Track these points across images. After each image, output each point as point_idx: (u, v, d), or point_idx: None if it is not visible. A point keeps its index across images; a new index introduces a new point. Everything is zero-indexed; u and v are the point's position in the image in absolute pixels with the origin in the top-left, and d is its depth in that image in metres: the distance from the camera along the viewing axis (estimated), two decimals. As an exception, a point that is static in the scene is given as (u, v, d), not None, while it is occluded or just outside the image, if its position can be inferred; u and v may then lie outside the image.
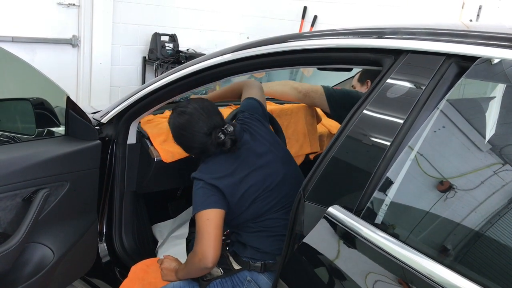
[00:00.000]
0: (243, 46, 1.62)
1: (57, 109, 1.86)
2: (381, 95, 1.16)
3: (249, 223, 1.57)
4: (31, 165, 1.58)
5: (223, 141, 1.54)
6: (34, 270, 1.64)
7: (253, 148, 1.63)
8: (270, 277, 1.51)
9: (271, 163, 1.63)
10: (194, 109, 1.59)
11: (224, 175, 1.55)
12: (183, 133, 1.62)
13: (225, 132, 1.55)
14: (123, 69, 4.82)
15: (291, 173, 1.67)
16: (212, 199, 1.50)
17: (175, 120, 1.63)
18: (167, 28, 4.93)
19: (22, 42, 4.06)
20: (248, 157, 1.61)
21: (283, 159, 1.69)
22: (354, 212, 1.07)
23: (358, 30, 1.37)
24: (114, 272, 2.10)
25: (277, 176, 1.61)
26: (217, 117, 1.61)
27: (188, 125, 1.59)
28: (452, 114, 1.05)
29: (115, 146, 2.01)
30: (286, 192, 1.61)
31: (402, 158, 1.04)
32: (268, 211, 1.57)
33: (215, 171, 1.57)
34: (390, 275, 0.96)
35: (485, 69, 1.04)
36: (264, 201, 1.57)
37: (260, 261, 1.51)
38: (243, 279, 1.51)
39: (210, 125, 1.57)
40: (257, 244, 1.53)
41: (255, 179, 1.57)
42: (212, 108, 1.62)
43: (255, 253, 1.52)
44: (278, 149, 1.70)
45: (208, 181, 1.53)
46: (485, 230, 0.90)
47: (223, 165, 1.58)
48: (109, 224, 2.08)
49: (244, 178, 1.56)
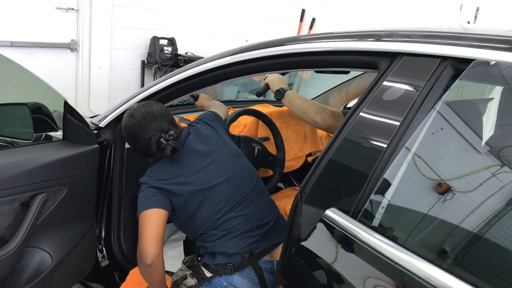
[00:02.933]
0: (241, 49, 1.63)
1: (55, 113, 1.86)
2: (377, 97, 1.16)
3: (209, 231, 1.57)
4: (29, 170, 1.58)
5: (163, 147, 1.55)
6: (32, 275, 1.64)
7: (197, 149, 1.65)
8: (242, 275, 1.53)
9: (216, 161, 1.64)
10: (139, 112, 1.61)
11: (168, 177, 1.59)
12: (127, 135, 1.65)
13: (166, 138, 1.57)
14: (122, 73, 4.83)
15: (240, 168, 1.69)
16: (152, 199, 1.54)
17: (123, 121, 1.67)
18: (165, 32, 4.94)
19: (20, 46, 4.07)
20: (192, 159, 1.63)
21: (230, 156, 1.69)
22: (351, 215, 1.07)
23: (354, 33, 1.38)
24: (113, 276, 2.10)
25: (223, 174, 1.62)
26: (163, 122, 1.60)
27: (132, 127, 1.61)
28: (448, 116, 1.05)
29: (113, 150, 2.01)
30: (237, 188, 1.62)
31: (399, 161, 1.04)
32: (222, 209, 1.58)
33: (159, 174, 1.60)
34: (387, 278, 0.96)
35: (481, 71, 1.04)
36: (216, 199, 1.58)
37: (229, 263, 1.52)
38: (220, 286, 1.51)
39: (152, 129, 1.58)
40: (223, 249, 1.53)
41: (200, 179, 1.59)
42: (159, 112, 1.62)
43: (224, 258, 1.52)
44: (225, 147, 1.71)
45: (151, 183, 1.57)
46: (483, 233, 0.90)
47: (168, 168, 1.61)
48: (108, 228, 2.08)
49: (188, 179, 1.59)
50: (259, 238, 1.58)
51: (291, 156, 2.54)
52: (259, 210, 1.63)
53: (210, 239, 1.57)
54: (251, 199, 1.64)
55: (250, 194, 1.64)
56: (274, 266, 1.58)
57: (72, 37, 4.41)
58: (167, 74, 1.88)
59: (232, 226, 1.57)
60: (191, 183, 1.59)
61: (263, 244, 1.58)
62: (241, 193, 1.62)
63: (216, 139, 1.72)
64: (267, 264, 1.57)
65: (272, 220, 1.64)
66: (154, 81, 1.92)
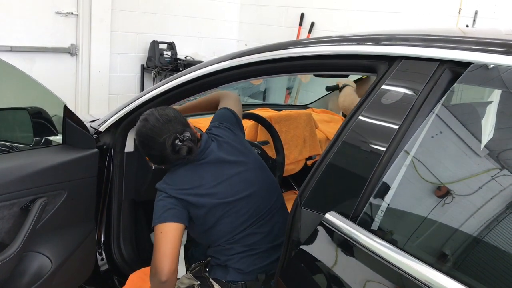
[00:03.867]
0: (240, 53, 1.63)
1: (54, 118, 1.87)
2: (376, 101, 1.16)
3: (227, 244, 1.52)
4: (28, 174, 1.58)
5: (178, 148, 1.49)
6: (32, 279, 1.64)
7: (221, 158, 1.58)
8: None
9: (241, 173, 1.58)
10: (152, 116, 1.55)
11: (189, 187, 1.52)
12: (142, 140, 1.58)
13: (181, 139, 1.50)
14: (121, 77, 4.84)
15: (264, 182, 1.63)
16: (170, 212, 1.47)
17: (136, 127, 1.60)
18: (165, 36, 4.95)
19: (20, 51, 4.08)
20: (215, 168, 1.56)
21: (255, 168, 1.64)
22: (350, 218, 1.07)
23: (353, 37, 1.38)
24: (113, 280, 2.10)
25: (247, 187, 1.56)
26: (176, 124, 1.53)
27: (146, 131, 1.54)
28: (447, 119, 1.05)
29: (113, 155, 2.01)
30: (261, 203, 1.57)
31: (398, 164, 1.04)
32: (243, 224, 1.53)
33: (179, 183, 1.53)
34: (386, 281, 0.96)
35: (479, 75, 1.05)
36: (237, 213, 1.53)
37: (241, 281, 1.49)
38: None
39: (166, 131, 1.51)
40: (239, 266, 1.49)
41: (223, 191, 1.53)
42: (173, 115, 1.55)
43: (237, 275, 1.49)
44: (249, 158, 1.65)
45: (171, 193, 1.50)
46: (483, 236, 0.90)
47: (189, 176, 1.54)
48: (107, 233, 2.08)
49: (210, 190, 1.52)
50: (276, 258, 1.51)
51: (290, 160, 2.54)
52: (279, 227, 1.59)
53: (227, 253, 1.52)
54: (271, 215, 1.59)
55: (271, 210, 1.60)
56: None
57: (71, 41, 4.42)
58: (167, 78, 1.89)
59: (251, 243, 1.53)
60: (214, 195, 1.52)
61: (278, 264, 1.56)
62: (263, 208, 1.57)
63: (240, 148, 1.65)
64: None
65: None
66: (154, 85, 1.92)
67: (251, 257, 1.51)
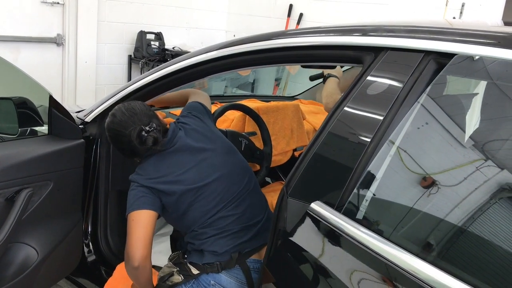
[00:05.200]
0: (228, 43, 1.63)
1: (40, 108, 1.85)
2: (361, 92, 1.17)
3: (200, 229, 1.56)
4: (13, 165, 1.57)
5: (144, 139, 1.53)
6: (18, 270, 1.63)
7: (188, 145, 1.62)
8: (230, 274, 1.53)
9: (208, 158, 1.62)
10: (119, 111, 1.61)
11: (159, 175, 1.56)
12: (111, 135, 1.64)
13: (147, 130, 1.55)
14: (108, 68, 4.80)
15: (233, 165, 1.67)
16: (141, 200, 1.51)
17: (106, 123, 1.65)
18: (152, 26, 4.91)
19: (5, 41, 4.02)
20: (183, 156, 1.61)
21: (224, 152, 1.68)
22: (335, 208, 1.08)
23: (340, 27, 1.39)
24: (100, 271, 2.10)
25: (215, 172, 1.60)
26: (142, 116, 1.58)
27: (113, 127, 1.61)
28: (431, 110, 1.07)
29: (99, 145, 2.00)
30: (231, 186, 1.61)
31: (383, 154, 1.05)
32: (214, 208, 1.56)
33: (150, 172, 1.57)
34: (371, 270, 0.97)
35: (463, 66, 1.06)
36: (207, 198, 1.57)
37: (216, 262, 1.52)
38: (207, 284, 1.51)
39: (132, 124, 1.56)
40: (212, 248, 1.52)
41: (192, 177, 1.57)
42: (138, 108, 1.61)
43: (212, 257, 1.52)
44: (217, 143, 1.69)
45: (142, 182, 1.55)
46: (467, 226, 0.92)
47: (158, 165, 1.59)
48: (94, 224, 2.07)
49: (179, 177, 1.56)
50: (249, 237, 1.57)
51: (278, 151, 2.55)
52: (251, 209, 1.62)
53: (200, 237, 1.56)
54: (243, 197, 1.62)
55: (242, 192, 1.63)
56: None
57: (58, 31, 4.36)
58: (154, 68, 1.88)
59: (224, 225, 1.56)
60: (183, 181, 1.56)
61: (252, 243, 1.58)
62: (233, 191, 1.60)
63: (207, 134, 1.70)
64: (255, 263, 1.57)
65: (263, 220, 1.64)
66: (140, 75, 1.91)
67: (224, 239, 1.54)
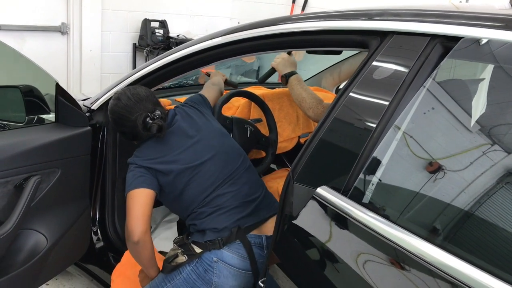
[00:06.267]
0: (233, 29, 1.62)
1: (47, 96, 1.86)
2: (367, 77, 1.17)
3: (198, 209, 1.61)
4: (21, 152, 1.58)
5: (150, 126, 1.59)
6: (27, 256, 1.65)
7: (183, 129, 1.69)
8: (231, 249, 1.56)
9: (203, 140, 1.68)
10: (124, 95, 1.65)
11: (156, 156, 1.63)
12: (114, 118, 1.69)
13: (152, 117, 1.61)
14: (113, 56, 4.80)
15: (227, 146, 1.73)
16: (139, 180, 1.57)
17: (109, 105, 1.70)
18: (157, 14, 4.90)
19: (10, 30, 4.03)
20: (179, 138, 1.67)
21: (217, 135, 1.74)
22: (341, 192, 1.09)
23: (345, 12, 1.38)
24: (108, 257, 2.12)
25: (209, 152, 1.66)
26: (147, 103, 1.64)
27: (118, 110, 1.65)
28: (437, 94, 1.06)
29: (106, 132, 2.02)
30: (225, 165, 1.66)
31: (388, 139, 1.05)
32: (210, 186, 1.61)
33: (147, 154, 1.64)
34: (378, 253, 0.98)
35: (470, 50, 1.05)
36: (203, 176, 1.62)
37: (217, 238, 1.56)
38: (210, 261, 1.55)
39: (138, 110, 1.61)
40: (213, 225, 1.57)
41: (188, 157, 1.63)
42: (144, 94, 1.66)
43: (213, 234, 1.56)
44: (211, 127, 1.76)
45: (140, 163, 1.61)
46: (473, 210, 0.92)
47: (155, 147, 1.65)
48: (102, 210, 2.09)
49: (176, 157, 1.63)
50: (248, 213, 1.61)
51: (283, 138, 2.55)
52: (248, 186, 1.67)
53: (200, 217, 1.60)
54: (239, 175, 1.67)
55: (238, 170, 1.68)
56: (263, 241, 1.61)
57: (62, 20, 4.36)
58: (159, 55, 1.88)
59: (221, 202, 1.60)
60: (179, 161, 1.62)
61: (251, 219, 1.61)
62: (229, 170, 1.66)
63: (202, 120, 1.76)
64: (256, 238, 1.60)
65: (260, 196, 1.68)
66: (145, 63, 1.91)
67: (223, 215, 1.58)
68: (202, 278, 1.55)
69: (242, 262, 1.57)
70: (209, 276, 1.55)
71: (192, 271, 1.56)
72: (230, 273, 1.56)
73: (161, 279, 1.63)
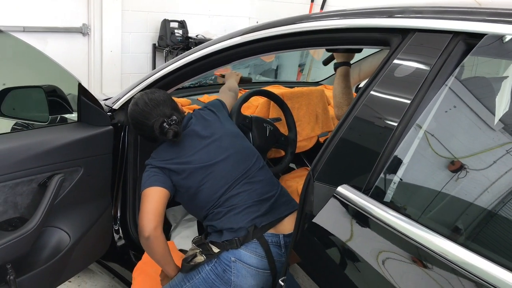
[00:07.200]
0: (252, 28, 1.63)
1: (69, 96, 1.89)
2: (388, 75, 1.16)
3: (214, 209, 1.63)
4: (45, 151, 1.61)
5: (166, 131, 1.64)
6: (51, 253, 1.68)
7: (197, 131, 1.73)
8: (249, 248, 1.57)
9: (216, 141, 1.71)
10: (141, 100, 1.70)
11: (170, 157, 1.67)
12: (133, 123, 1.75)
13: (169, 123, 1.65)
14: (133, 57, 4.84)
15: (240, 147, 1.75)
16: (153, 179, 1.62)
17: (128, 110, 1.76)
18: (176, 15, 4.93)
19: (33, 31, 4.10)
20: (193, 140, 1.71)
21: (230, 137, 1.76)
22: (363, 191, 1.08)
23: (366, 10, 1.37)
24: (129, 255, 2.14)
25: (223, 153, 1.69)
26: (165, 108, 1.68)
27: (136, 115, 1.71)
28: (460, 93, 1.05)
29: (127, 132, 2.04)
30: (238, 165, 1.68)
31: (410, 138, 1.04)
32: (224, 186, 1.63)
33: (162, 155, 1.69)
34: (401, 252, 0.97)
35: (494, 47, 1.03)
36: (217, 176, 1.65)
37: (234, 238, 1.56)
38: (228, 261, 1.55)
39: (155, 115, 1.66)
40: (229, 225, 1.58)
41: (201, 158, 1.67)
42: (161, 99, 1.70)
43: (230, 234, 1.57)
44: (225, 130, 1.78)
45: (154, 164, 1.67)
46: (497, 209, 0.91)
47: (170, 149, 1.69)
48: (123, 209, 2.12)
49: (189, 158, 1.67)
50: (264, 212, 1.62)
51: (303, 137, 2.55)
52: (262, 185, 1.68)
53: (216, 217, 1.62)
54: (253, 174, 1.68)
55: (252, 170, 1.69)
56: (280, 239, 1.61)
57: (83, 21, 4.42)
58: (178, 56, 1.89)
59: (236, 202, 1.61)
60: (192, 162, 1.66)
61: (267, 218, 1.61)
62: (242, 169, 1.67)
63: (217, 123, 1.79)
64: (273, 237, 1.60)
65: (276, 195, 1.68)
66: (165, 63, 1.93)
67: (238, 215, 1.60)
68: (221, 278, 1.56)
69: (260, 261, 1.57)
70: (228, 276, 1.55)
71: (211, 271, 1.57)
72: (249, 273, 1.56)
73: (180, 278, 1.64)
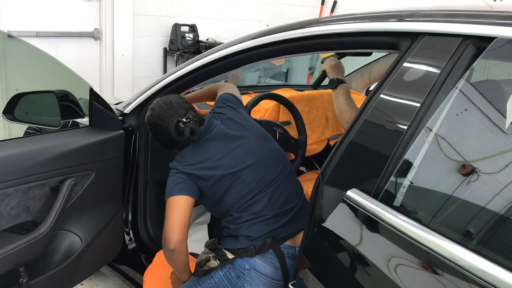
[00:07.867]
0: (262, 32, 1.63)
1: (81, 100, 1.91)
2: (398, 78, 1.16)
3: (236, 213, 1.60)
4: (57, 155, 1.63)
5: (182, 130, 1.60)
6: (63, 256, 1.70)
7: (224, 133, 1.68)
8: (264, 258, 1.55)
9: (244, 144, 1.66)
10: (157, 104, 1.68)
11: (197, 162, 1.62)
12: (151, 128, 1.72)
13: (184, 122, 1.61)
14: (144, 61, 4.87)
15: (268, 151, 1.70)
16: (179, 186, 1.57)
17: (146, 117, 1.73)
18: (186, 19, 4.95)
19: (46, 36, 4.14)
20: (220, 143, 1.66)
21: (258, 139, 1.71)
22: (372, 195, 1.08)
23: (375, 13, 1.37)
24: (140, 258, 2.16)
25: (250, 157, 1.64)
26: (179, 109, 1.65)
27: (152, 119, 1.68)
28: (470, 96, 1.05)
29: (138, 136, 2.05)
30: (266, 171, 1.64)
31: (420, 141, 1.04)
32: (250, 192, 1.60)
33: (188, 159, 1.64)
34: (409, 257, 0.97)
35: (504, 50, 1.03)
36: (243, 182, 1.60)
37: (250, 246, 1.55)
38: (242, 268, 1.54)
39: (170, 117, 1.63)
40: (247, 233, 1.56)
41: (228, 163, 1.62)
42: (176, 101, 1.67)
43: (247, 242, 1.55)
44: (252, 130, 1.73)
45: (180, 169, 1.61)
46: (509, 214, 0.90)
47: (196, 152, 1.64)
48: (134, 212, 2.13)
49: (216, 163, 1.61)
50: (283, 223, 1.60)
51: (313, 140, 2.55)
52: (286, 195, 1.64)
53: (236, 222, 1.59)
54: (279, 183, 1.65)
55: (278, 177, 1.65)
56: (296, 251, 1.59)
57: (95, 26, 4.46)
58: (189, 60, 1.90)
59: (259, 210, 1.58)
60: (220, 167, 1.61)
61: (286, 229, 1.60)
62: (269, 176, 1.63)
63: (242, 122, 1.74)
64: (289, 249, 1.59)
65: (297, 206, 1.65)
66: (176, 67, 1.94)
67: (259, 224, 1.57)
68: (234, 284, 1.55)
69: (274, 272, 1.56)
70: (241, 282, 1.55)
71: (224, 276, 1.57)
72: (262, 282, 1.55)
73: (192, 282, 1.64)
